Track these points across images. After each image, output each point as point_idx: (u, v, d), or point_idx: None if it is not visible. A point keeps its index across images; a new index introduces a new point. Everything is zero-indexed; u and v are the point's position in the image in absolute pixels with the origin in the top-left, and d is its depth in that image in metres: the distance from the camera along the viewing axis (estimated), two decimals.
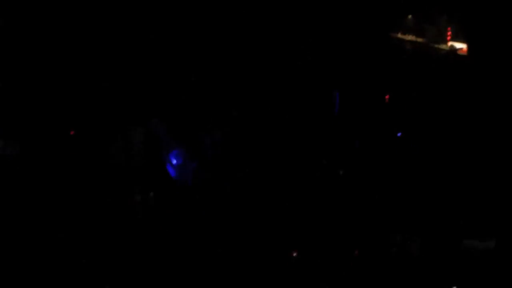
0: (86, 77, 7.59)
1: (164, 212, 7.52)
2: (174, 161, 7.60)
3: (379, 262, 7.43)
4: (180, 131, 7.67)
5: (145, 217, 7.50)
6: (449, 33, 8.06)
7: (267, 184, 7.71)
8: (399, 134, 7.87)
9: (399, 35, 8.04)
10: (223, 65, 7.84)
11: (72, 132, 7.60)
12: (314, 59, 7.76)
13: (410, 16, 8.07)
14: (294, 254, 7.59)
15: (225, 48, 7.80)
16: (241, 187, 7.66)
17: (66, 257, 7.15)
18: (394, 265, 7.40)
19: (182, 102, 7.68)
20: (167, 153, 7.60)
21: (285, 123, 7.72)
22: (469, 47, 7.91)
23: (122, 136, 7.56)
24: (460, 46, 8.01)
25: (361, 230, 7.58)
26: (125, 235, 7.38)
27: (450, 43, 8.06)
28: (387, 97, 7.97)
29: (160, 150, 7.63)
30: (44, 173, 7.44)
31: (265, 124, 7.74)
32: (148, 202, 7.57)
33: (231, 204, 7.64)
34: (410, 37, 8.04)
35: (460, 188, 7.58)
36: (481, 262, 7.26)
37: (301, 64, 7.74)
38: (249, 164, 7.70)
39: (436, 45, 8.05)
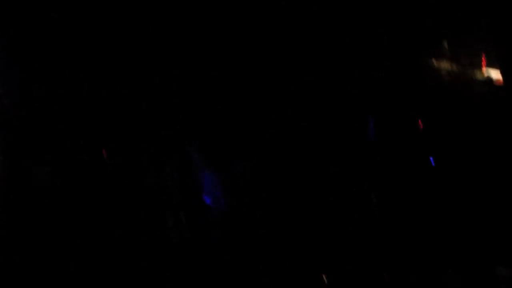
0: (119, 99, 7.57)
1: (196, 237, 7.52)
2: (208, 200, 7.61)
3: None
4: (213, 158, 7.65)
5: (176, 243, 7.51)
6: (483, 60, 7.95)
7: (297, 211, 7.71)
8: (431, 160, 7.85)
9: (434, 61, 7.95)
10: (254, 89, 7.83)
11: (104, 152, 7.57)
12: (350, 87, 7.74)
13: (445, 42, 8.00)
14: (324, 278, 7.61)
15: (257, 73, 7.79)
16: (272, 213, 7.67)
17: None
18: None
19: (215, 128, 7.66)
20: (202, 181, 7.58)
21: (320, 151, 7.71)
22: (503, 76, 7.80)
23: (156, 162, 7.54)
24: (497, 76, 7.89)
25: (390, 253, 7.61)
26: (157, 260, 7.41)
27: (485, 71, 7.94)
28: (420, 122, 7.94)
29: (194, 176, 7.60)
30: (75, 199, 7.44)
31: (299, 151, 7.72)
32: (179, 228, 7.56)
33: (261, 229, 7.65)
34: (444, 65, 7.95)
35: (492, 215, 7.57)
36: None
37: (337, 91, 7.72)
38: (280, 191, 7.70)
39: (471, 72, 7.95)
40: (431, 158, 7.90)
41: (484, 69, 7.93)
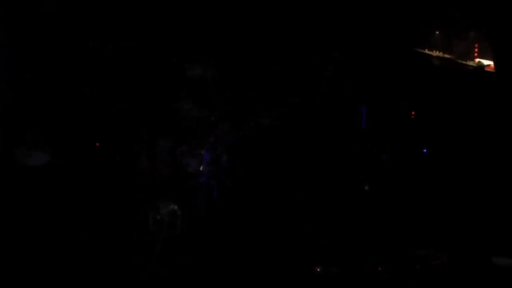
0: (111, 88, 7.65)
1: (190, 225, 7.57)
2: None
3: (402, 278, 7.45)
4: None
5: (170, 230, 7.55)
6: (476, 49, 8.03)
7: (289, 196, 7.75)
8: (425, 150, 7.89)
9: (426, 51, 8.02)
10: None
11: (97, 144, 7.64)
12: (341, 75, 7.79)
13: (437, 32, 8.07)
14: (318, 269, 7.61)
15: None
16: (263, 199, 7.71)
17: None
18: (418, 281, 7.41)
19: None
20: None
21: (311, 137, 7.75)
22: (496, 64, 7.86)
23: (148, 146, 7.61)
24: (488, 63, 7.97)
25: (385, 244, 7.61)
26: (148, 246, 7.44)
27: (477, 60, 8.02)
28: (413, 113, 8.01)
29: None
30: (69, 184, 7.51)
31: (290, 139, 7.77)
32: (173, 215, 7.60)
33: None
34: (437, 53, 8.02)
35: (489, 203, 7.58)
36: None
37: (328, 79, 7.77)
38: (271, 176, 7.75)
39: (463, 62, 8.03)
40: (424, 150, 7.96)
41: (476, 56, 8.04)
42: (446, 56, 8.11)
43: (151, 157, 7.63)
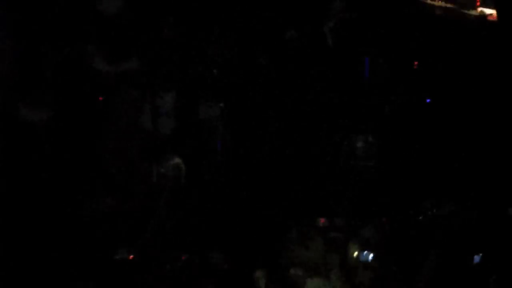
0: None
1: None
2: None
3: (407, 228, 7.51)
4: None
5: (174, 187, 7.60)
6: None
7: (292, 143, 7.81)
8: (428, 100, 7.93)
9: (429, 0, 8.05)
10: None
11: (100, 98, 7.63)
12: (344, 26, 7.81)
13: None
14: (322, 221, 7.67)
15: None
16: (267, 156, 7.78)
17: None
18: (422, 233, 7.47)
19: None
20: None
21: (313, 91, 7.79)
22: (498, 13, 7.90)
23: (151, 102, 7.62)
24: (490, 12, 8.01)
25: (390, 195, 7.67)
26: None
27: (480, 9, 8.06)
28: (416, 63, 8.03)
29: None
30: (72, 139, 7.52)
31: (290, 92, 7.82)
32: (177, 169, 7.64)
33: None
34: (439, 3, 8.05)
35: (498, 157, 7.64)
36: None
37: (330, 31, 7.79)
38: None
39: (466, 11, 8.05)
40: (427, 100, 8.00)
41: (478, 5, 8.07)
42: (448, 5, 8.12)
43: (154, 111, 7.65)
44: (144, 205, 7.52)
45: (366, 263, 7.16)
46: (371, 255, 7.15)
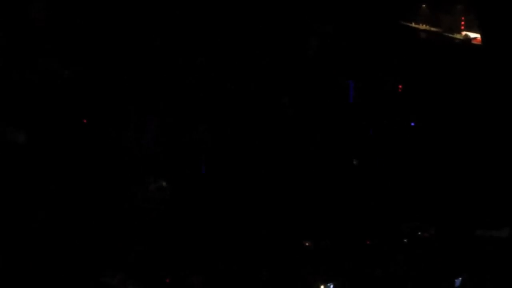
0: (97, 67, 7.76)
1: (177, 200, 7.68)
2: None
3: (391, 251, 7.56)
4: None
5: (158, 206, 7.66)
6: (462, 22, 8.17)
7: (279, 172, 7.87)
8: (412, 124, 8.00)
9: (413, 25, 8.15)
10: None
11: (85, 121, 7.72)
12: (329, 49, 7.92)
13: (424, 6, 8.19)
14: (307, 244, 7.71)
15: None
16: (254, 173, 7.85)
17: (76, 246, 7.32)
18: (406, 254, 7.52)
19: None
20: None
21: (300, 112, 7.88)
22: (482, 37, 7.98)
23: (135, 125, 7.71)
24: (474, 35, 8.11)
25: (374, 219, 7.72)
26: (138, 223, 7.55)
27: (464, 33, 8.17)
28: (400, 86, 8.13)
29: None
30: (55, 161, 7.61)
31: (277, 113, 7.89)
32: (161, 191, 7.70)
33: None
34: (424, 27, 8.18)
35: (474, 180, 7.70)
36: (493, 251, 7.36)
37: (315, 54, 7.89)
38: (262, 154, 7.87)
39: (450, 35, 8.16)
40: (412, 123, 8.09)
41: (463, 29, 8.19)
42: (433, 29, 8.26)
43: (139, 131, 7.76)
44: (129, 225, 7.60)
45: None
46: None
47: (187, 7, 7.87)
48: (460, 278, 7.24)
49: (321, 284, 7.43)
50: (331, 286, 7.40)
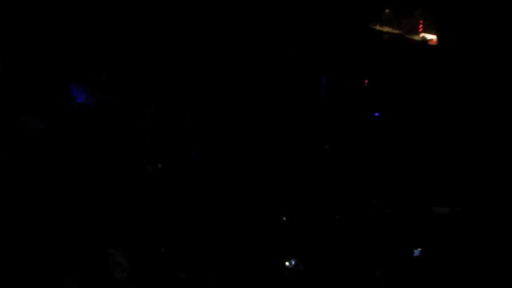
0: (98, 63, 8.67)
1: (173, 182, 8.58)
2: None
3: (359, 224, 8.52)
4: None
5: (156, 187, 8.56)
6: (421, 25, 9.00)
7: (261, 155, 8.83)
8: (376, 114, 8.94)
9: (378, 27, 8.99)
10: None
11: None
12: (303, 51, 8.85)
13: (387, 10, 9.05)
14: (284, 218, 8.64)
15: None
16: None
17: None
18: (372, 228, 8.48)
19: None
20: None
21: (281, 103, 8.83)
22: (438, 38, 8.86)
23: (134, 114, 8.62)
24: (431, 37, 8.94)
25: (345, 196, 8.68)
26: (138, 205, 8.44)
27: (422, 35, 8.99)
28: (366, 81, 9.04)
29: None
30: (65, 145, 8.49)
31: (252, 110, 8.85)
32: (157, 173, 8.61)
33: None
34: (387, 29, 8.99)
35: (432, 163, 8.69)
36: (446, 226, 8.38)
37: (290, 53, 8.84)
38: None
39: (410, 36, 9.00)
40: (375, 113, 9.02)
41: (421, 31, 9.08)
42: (395, 31, 9.05)
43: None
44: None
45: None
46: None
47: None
48: (419, 249, 8.24)
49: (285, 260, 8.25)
50: (293, 262, 8.26)
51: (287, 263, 8.26)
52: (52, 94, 8.52)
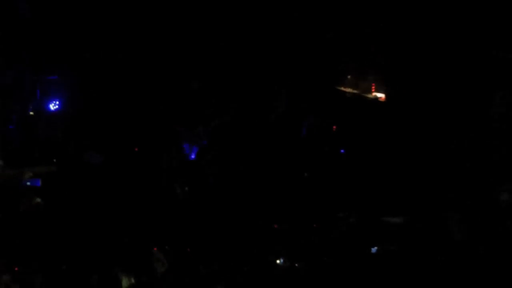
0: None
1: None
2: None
3: (330, 231, 10.79)
4: None
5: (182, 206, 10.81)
6: (373, 87, 11.33)
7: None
8: (342, 151, 11.57)
9: (342, 88, 11.29)
10: None
11: (136, 149, 11.16)
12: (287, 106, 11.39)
13: (349, 76, 11.47)
14: (275, 226, 10.56)
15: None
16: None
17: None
18: (339, 234, 10.78)
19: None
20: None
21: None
22: (386, 96, 11.24)
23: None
24: (380, 95, 11.18)
25: (320, 209, 10.79)
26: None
27: (374, 94, 11.18)
28: (334, 127, 11.60)
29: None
30: (118, 179, 10.77)
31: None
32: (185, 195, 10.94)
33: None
34: (349, 90, 11.21)
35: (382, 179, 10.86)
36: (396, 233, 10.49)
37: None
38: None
39: (365, 95, 11.23)
40: (342, 150, 11.62)
41: (373, 91, 11.46)
42: (355, 91, 11.30)
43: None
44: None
45: None
46: None
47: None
48: (375, 248, 10.30)
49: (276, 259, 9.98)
50: (282, 260, 10.08)
51: (278, 261, 10.36)
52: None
